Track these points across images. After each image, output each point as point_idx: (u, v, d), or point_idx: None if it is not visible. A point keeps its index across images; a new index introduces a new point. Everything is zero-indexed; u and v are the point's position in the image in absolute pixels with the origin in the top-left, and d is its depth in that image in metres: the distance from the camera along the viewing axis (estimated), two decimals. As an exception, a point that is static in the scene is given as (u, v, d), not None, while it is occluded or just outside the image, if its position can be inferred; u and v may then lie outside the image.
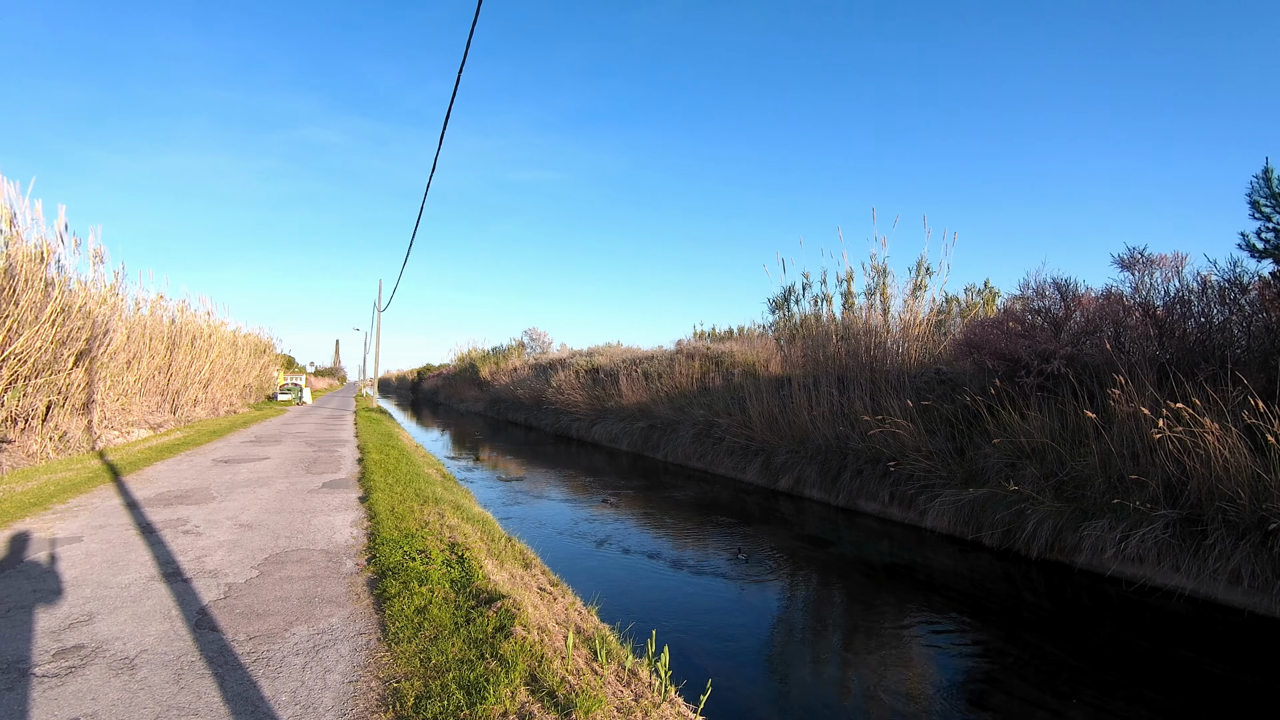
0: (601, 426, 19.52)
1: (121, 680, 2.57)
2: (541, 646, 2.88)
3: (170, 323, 17.55)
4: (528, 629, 3.02)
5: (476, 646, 2.84)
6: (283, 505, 6.26)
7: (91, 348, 12.75)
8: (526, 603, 3.36)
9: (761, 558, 7.08)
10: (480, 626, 3.03)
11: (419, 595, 3.44)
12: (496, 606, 3.20)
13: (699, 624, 5.08)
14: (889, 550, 7.58)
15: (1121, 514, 6.50)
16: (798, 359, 13.36)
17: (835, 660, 4.56)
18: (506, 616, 3.11)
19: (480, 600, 3.36)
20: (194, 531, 5.06)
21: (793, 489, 10.97)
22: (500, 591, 3.45)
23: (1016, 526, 7.30)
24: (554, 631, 3.14)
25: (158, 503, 6.25)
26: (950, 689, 4.11)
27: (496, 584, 3.66)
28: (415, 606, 3.31)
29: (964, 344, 9.45)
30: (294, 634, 3.07)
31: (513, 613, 3.15)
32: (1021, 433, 7.92)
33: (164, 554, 4.39)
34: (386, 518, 5.58)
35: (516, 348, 36.52)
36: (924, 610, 5.57)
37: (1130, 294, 8.75)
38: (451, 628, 3.05)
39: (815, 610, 5.75)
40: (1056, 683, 4.18)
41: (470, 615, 3.18)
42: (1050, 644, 4.87)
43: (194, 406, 18.48)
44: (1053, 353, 8.48)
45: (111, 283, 14.06)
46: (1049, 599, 6.04)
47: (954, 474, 8.48)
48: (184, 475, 8.00)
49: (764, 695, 3.88)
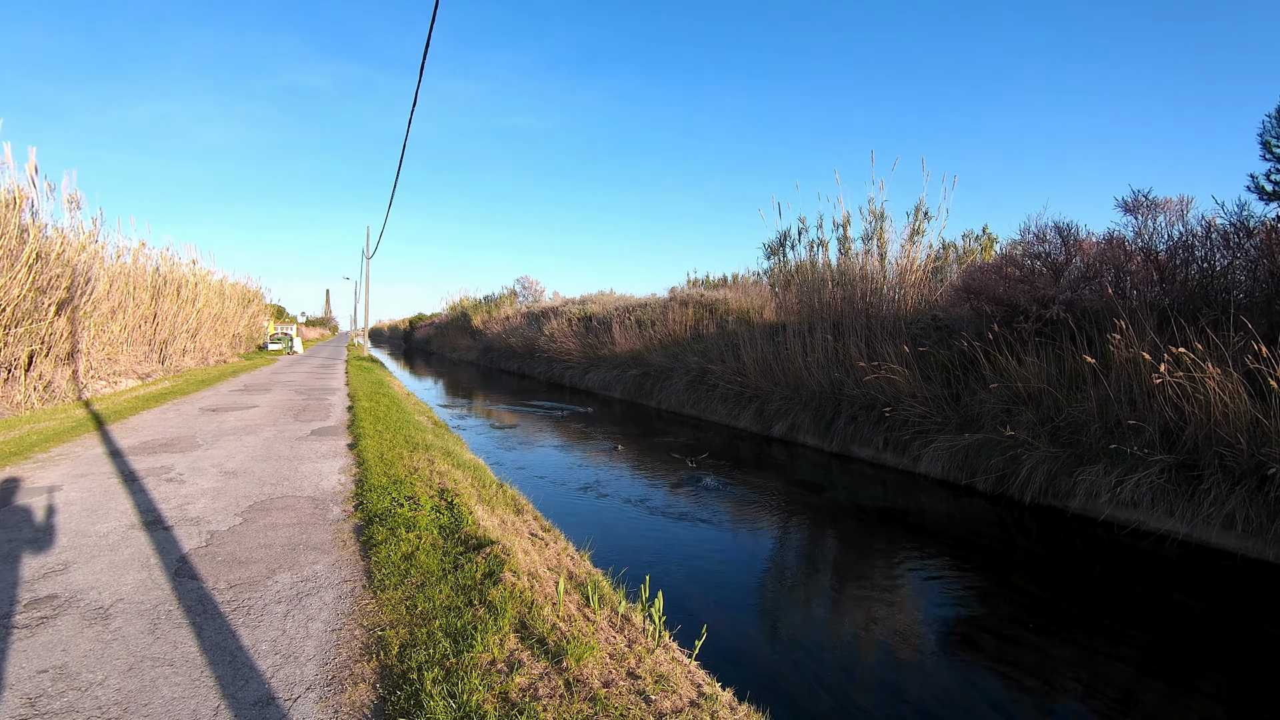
0: (595, 374, 19.45)
1: (94, 631, 2.48)
2: (532, 593, 2.80)
3: (154, 271, 17.16)
4: (518, 575, 2.93)
5: (464, 593, 2.76)
6: (269, 453, 6.16)
7: (73, 296, 12.47)
8: (517, 548, 3.28)
9: (755, 501, 7.07)
10: (469, 573, 2.95)
11: (406, 541, 3.35)
12: (485, 552, 3.12)
13: (692, 569, 5.07)
14: (882, 495, 7.59)
15: (1117, 459, 6.48)
16: (793, 305, 13.18)
17: (827, 604, 4.56)
18: (496, 562, 3.03)
19: (469, 546, 3.27)
20: (177, 479, 4.94)
21: (786, 435, 10.97)
22: (490, 537, 3.36)
23: (1011, 471, 7.30)
24: (545, 577, 3.06)
25: (142, 451, 6.12)
26: (940, 630, 4.12)
27: (486, 530, 3.58)
28: (402, 553, 3.22)
29: (962, 290, 9.28)
30: (276, 582, 2.98)
31: (502, 558, 3.06)
32: (1018, 378, 7.84)
33: (145, 502, 4.28)
34: (375, 464, 5.48)
35: (509, 296, 36.11)
36: (916, 554, 5.58)
37: (1132, 239, 8.56)
38: (439, 574, 2.96)
39: (809, 555, 5.76)
40: (1046, 624, 4.18)
41: (459, 561, 3.10)
42: (1041, 587, 4.88)
43: (182, 356, 18.25)
44: (1052, 298, 8.33)
45: (90, 229, 13.67)
46: (1041, 543, 6.06)
47: (949, 420, 8.44)
48: (170, 424, 7.87)
49: (758, 639, 3.87)
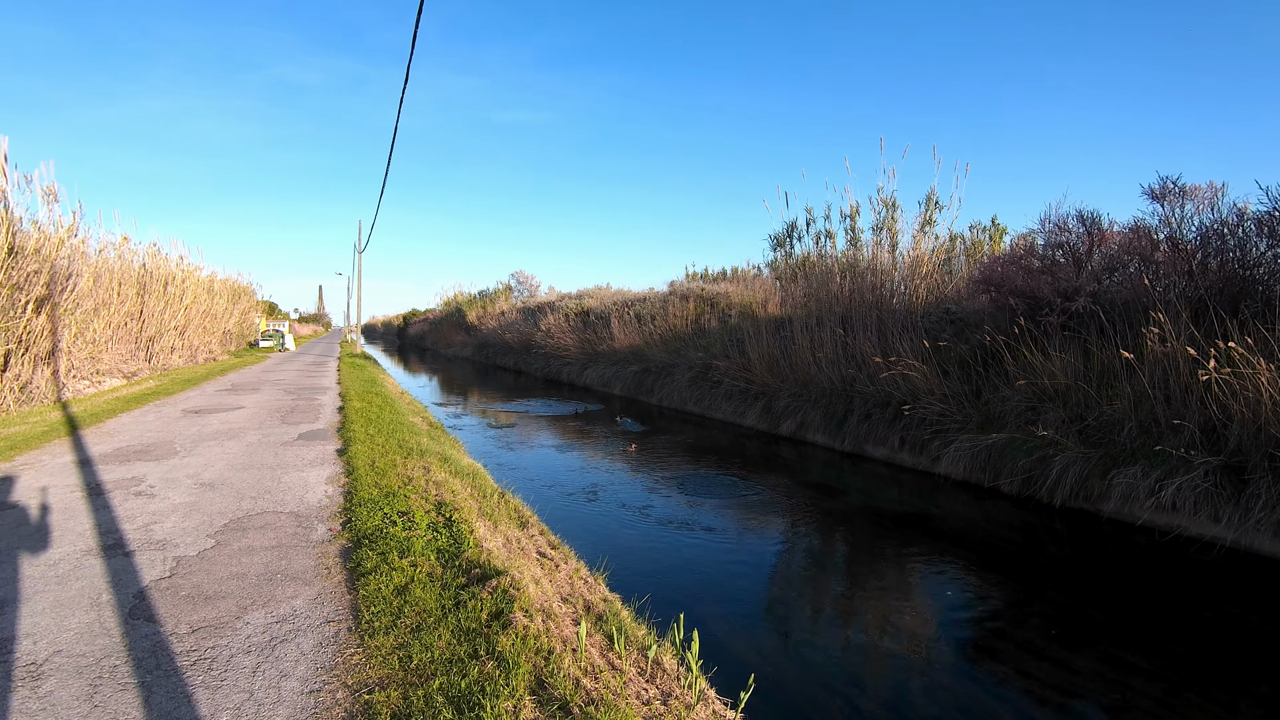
0: (593, 370, 19.00)
1: (19, 698, 2.04)
2: (548, 637, 2.37)
3: (140, 267, 16.59)
4: (530, 614, 2.51)
5: (469, 640, 2.33)
6: (251, 460, 5.70)
7: (52, 293, 11.94)
8: (526, 578, 2.85)
9: (769, 506, 6.68)
10: (473, 612, 2.52)
11: (399, 570, 2.92)
12: (492, 585, 2.68)
13: (710, 583, 4.66)
14: (903, 498, 7.21)
15: (1157, 460, 6.10)
16: (799, 298, 12.77)
17: (861, 624, 4.15)
18: (504, 599, 2.60)
19: (472, 577, 2.84)
20: (147, 493, 4.49)
21: (795, 433, 10.57)
22: (495, 565, 2.93)
23: (1039, 473, 6.92)
24: (560, 614, 2.63)
25: (113, 459, 5.66)
26: (986, 650, 3.72)
27: (491, 554, 3.15)
28: (395, 585, 2.78)
29: (981, 281, 8.88)
30: (248, 623, 2.55)
31: (511, 594, 2.63)
32: (1045, 374, 7.45)
33: (108, 521, 3.83)
34: (366, 473, 5.04)
35: (504, 291, 35.55)
36: (950, 563, 5.19)
37: (1158, 227, 8.17)
38: (438, 614, 2.54)
39: (835, 566, 5.35)
40: (1075, 634, 3.86)
41: (460, 597, 2.67)
42: (1070, 595, 4.56)
43: (170, 354, 17.71)
44: (1077, 289, 7.94)
45: (69, 223, 13.11)
46: (1072, 548, 5.70)
47: (970, 418, 8.05)
48: (148, 428, 7.40)
49: (786, 666, 3.47)
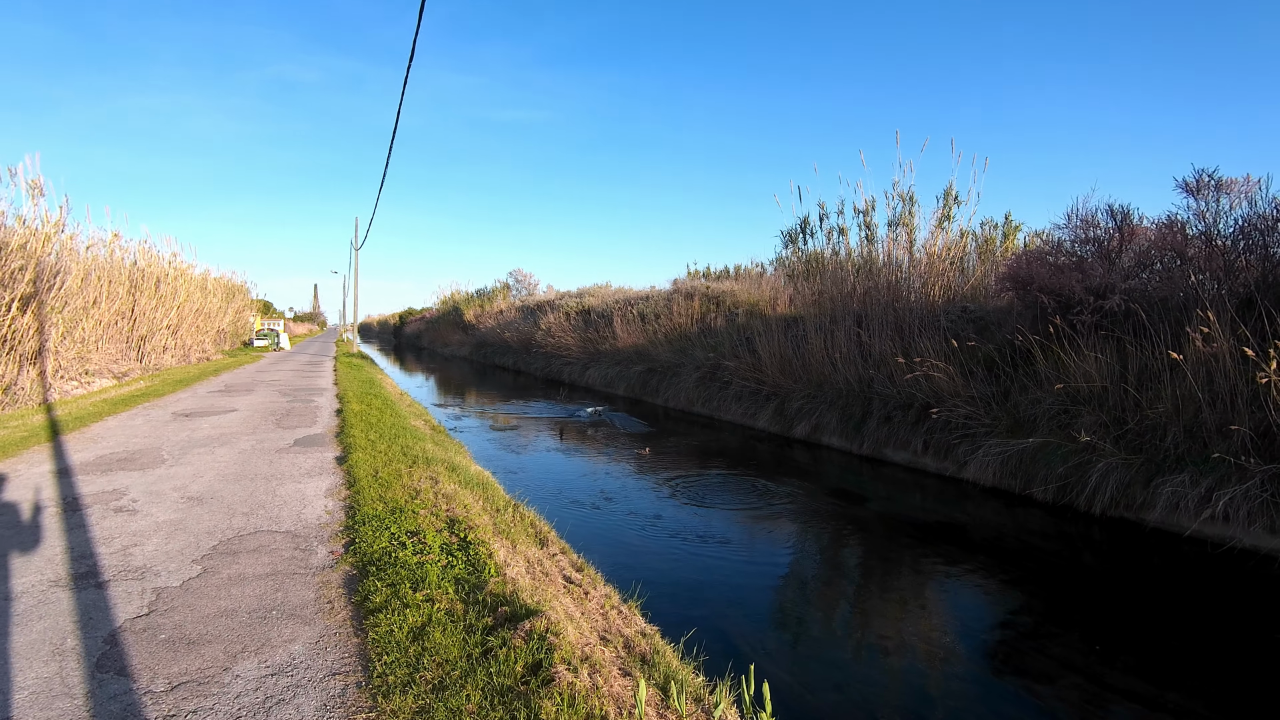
0: (595, 370, 18.61)
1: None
2: (598, 698, 1.99)
3: (132, 264, 16.10)
4: (573, 666, 2.13)
5: (504, 702, 1.95)
6: (244, 469, 5.30)
7: (39, 290, 11.50)
8: (560, 615, 2.47)
9: (791, 515, 6.32)
10: (506, 664, 2.14)
11: (414, 608, 2.53)
12: (525, 629, 2.30)
13: (742, 603, 4.29)
14: (929, 505, 6.87)
15: (1207, 467, 5.76)
16: (811, 296, 12.41)
17: (908, 651, 3.79)
18: (541, 647, 2.22)
19: (500, 617, 2.45)
20: (128, 509, 4.09)
21: (809, 436, 10.21)
22: (525, 602, 2.55)
23: (1076, 480, 6.58)
24: (605, 664, 2.25)
25: (95, 469, 5.25)
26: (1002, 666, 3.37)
27: (517, 585, 2.77)
28: (410, 627, 2.40)
29: (1008, 278, 8.52)
30: (238, 677, 2.16)
31: (549, 640, 2.25)
32: (1080, 376, 7.10)
33: (82, 543, 3.44)
34: (369, 485, 4.65)
35: (501, 289, 35.11)
36: (994, 577, 4.83)
37: (1192, 221, 7.83)
38: (464, 666, 2.15)
39: (874, 585, 4.99)
40: (1124, 652, 3.61)
41: (489, 643, 2.28)
42: (1117, 610, 4.31)
43: (162, 354, 17.22)
44: (1110, 287, 7.60)
45: (56, 218, 12.64)
46: (1115, 560, 5.39)
47: (998, 421, 7.70)
48: (135, 433, 6.98)
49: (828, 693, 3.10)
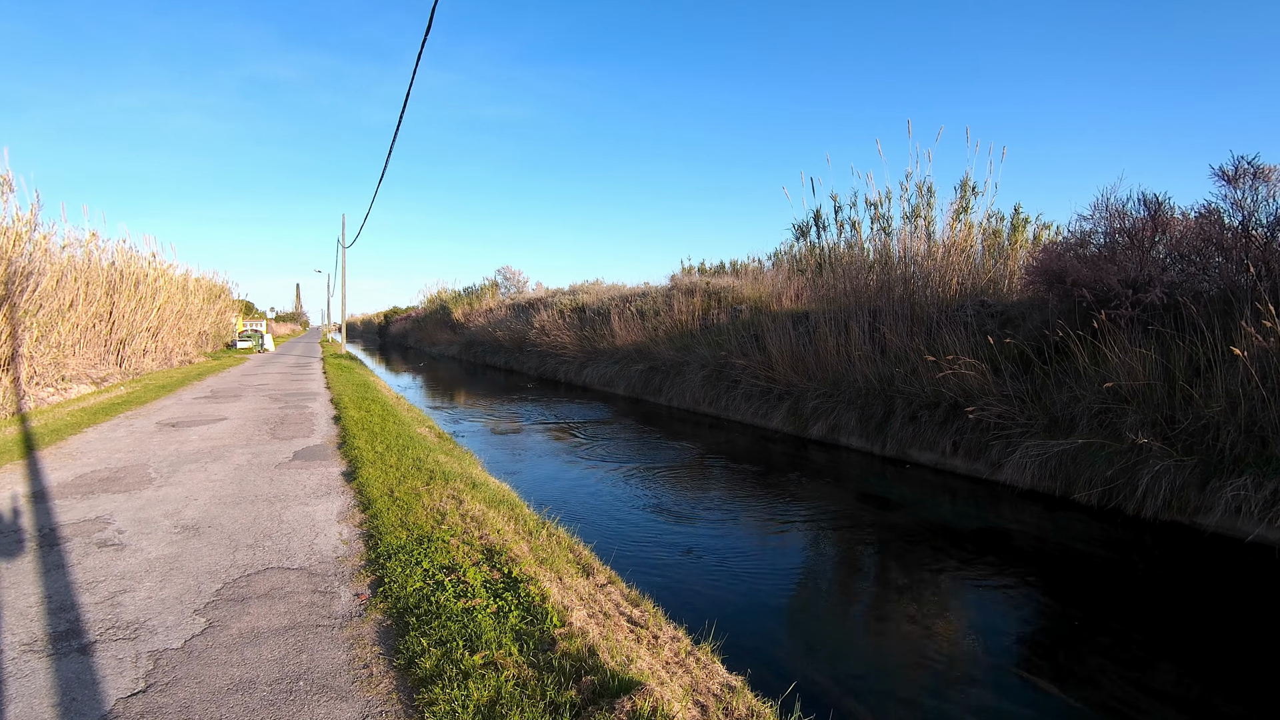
0: (593, 369, 18.16)
1: None
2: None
3: (110, 265, 15.39)
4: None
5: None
6: (243, 490, 4.80)
7: (10, 293, 10.87)
8: (654, 682, 2.04)
9: (827, 524, 5.94)
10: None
11: (476, 679, 2.07)
12: (626, 710, 1.86)
13: (800, 632, 3.90)
14: (965, 510, 6.55)
15: (1272, 469, 5.46)
16: (824, 291, 12.05)
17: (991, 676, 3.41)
18: (645, 732, 1.79)
19: (586, 690, 2.00)
20: (115, 542, 3.60)
21: (826, 436, 9.85)
22: (610, 666, 2.11)
23: (1123, 482, 6.26)
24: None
25: (74, 491, 4.73)
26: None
27: (587, 636, 2.34)
28: (475, 707, 1.95)
29: (1038, 271, 8.20)
30: (268, 781, 1.72)
31: (653, 723, 1.82)
32: (1124, 373, 6.78)
33: (61, 590, 2.95)
34: (386, 507, 4.18)
35: (490, 287, 34.46)
36: (1054, 590, 4.47)
37: (1230, 211, 7.55)
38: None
39: (927, 602, 4.60)
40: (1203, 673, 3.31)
41: (576, 726, 1.85)
42: (1180, 620, 4.14)
43: (143, 357, 16.53)
44: (1149, 279, 7.29)
45: (28, 216, 11.96)
46: (1170, 567, 5.12)
47: (1034, 420, 7.37)
48: (118, 446, 6.44)
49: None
